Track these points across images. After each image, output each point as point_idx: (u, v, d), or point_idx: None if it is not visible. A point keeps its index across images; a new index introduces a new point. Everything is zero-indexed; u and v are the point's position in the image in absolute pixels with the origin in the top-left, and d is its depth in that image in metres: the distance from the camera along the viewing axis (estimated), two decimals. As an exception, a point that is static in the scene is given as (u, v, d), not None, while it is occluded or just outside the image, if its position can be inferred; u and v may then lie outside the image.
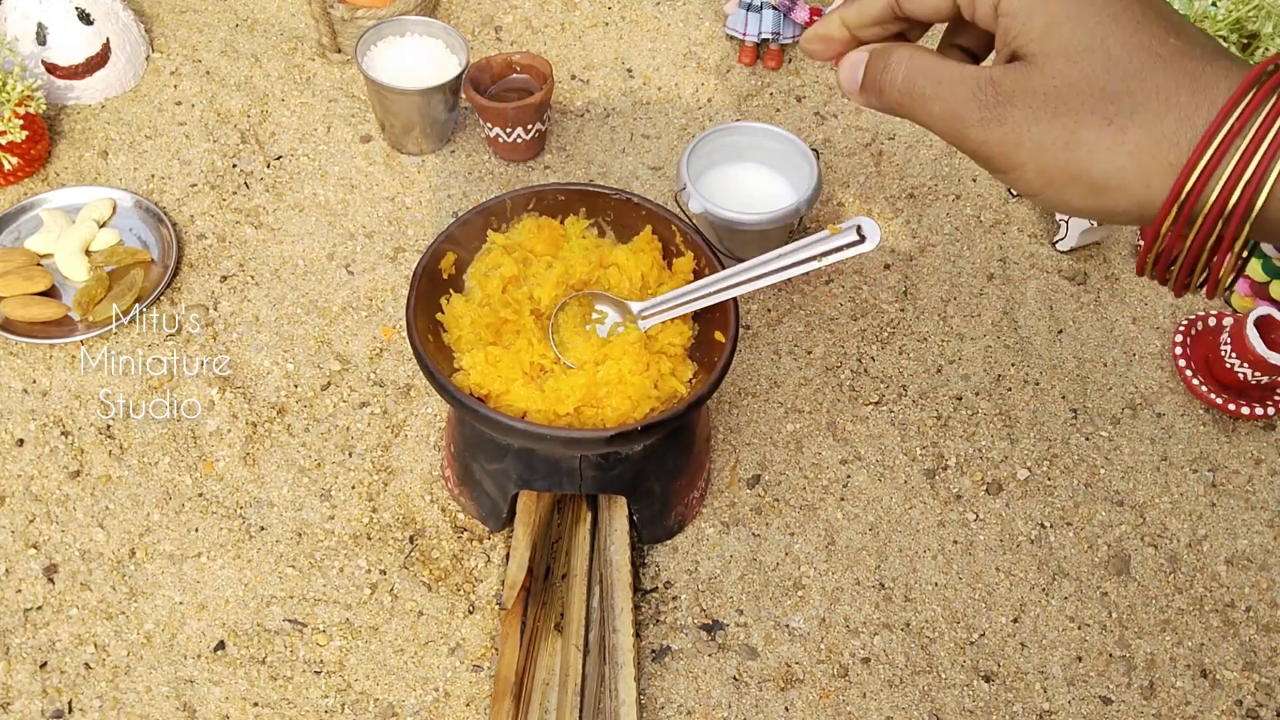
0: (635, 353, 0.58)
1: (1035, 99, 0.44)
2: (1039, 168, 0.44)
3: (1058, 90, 0.44)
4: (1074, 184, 0.44)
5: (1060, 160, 0.44)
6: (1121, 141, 0.42)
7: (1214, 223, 0.42)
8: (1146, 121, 0.42)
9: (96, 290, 0.77)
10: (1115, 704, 0.63)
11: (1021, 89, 0.44)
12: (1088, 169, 0.43)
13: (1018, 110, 0.44)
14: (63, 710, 0.61)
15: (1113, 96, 0.43)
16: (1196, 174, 0.41)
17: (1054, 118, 0.44)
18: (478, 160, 0.89)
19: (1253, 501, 0.72)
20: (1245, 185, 0.40)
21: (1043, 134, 0.44)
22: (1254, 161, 0.40)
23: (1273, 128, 0.40)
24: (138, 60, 0.93)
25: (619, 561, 0.64)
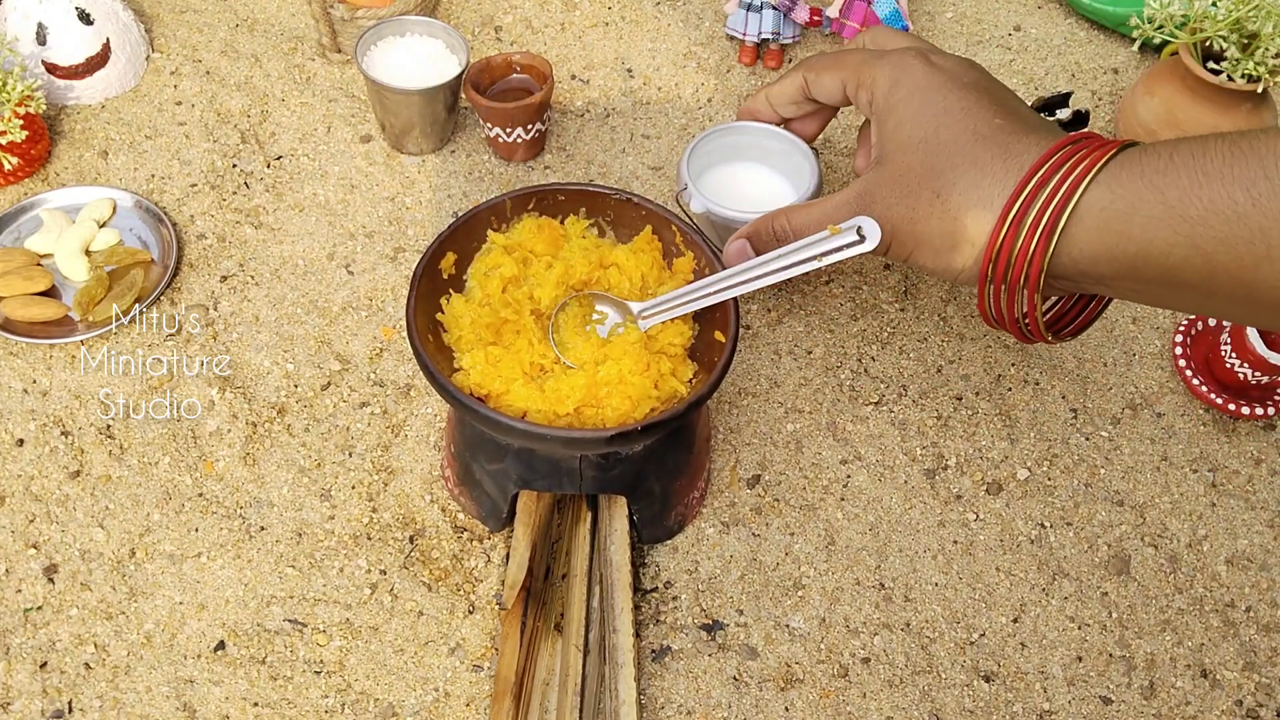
0: (635, 353, 0.58)
1: (888, 190, 0.54)
2: (899, 242, 0.54)
3: (902, 178, 0.53)
4: (921, 249, 0.53)
5: (909, 232, 0.53)
6: (948, 209, 0.51)
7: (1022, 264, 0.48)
8: (966, 189, 0.50)
9: (96, 290, 0.77)
10: (1115, 704, 0.63)
11: (878, 185, 0.55)
12: (928, 236, 0.52)
13: (878, 205, 0.54)
14: (63, 710, 0.61)
15: (939, 174, 0.51)
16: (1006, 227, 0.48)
17: (900, 199, 0.53)
18: (478, 160, 0.89)
19: (1253, 501, 0.72)
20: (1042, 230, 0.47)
21: (896, 215, 0.53)
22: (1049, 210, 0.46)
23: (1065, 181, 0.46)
24: (138, 60, 0.93)
25: (619, 561, 0.65)
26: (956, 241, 0.51)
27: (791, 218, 0.59)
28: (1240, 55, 0.79)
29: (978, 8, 1.04)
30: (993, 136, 0.51)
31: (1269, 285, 0.42)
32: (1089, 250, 0.47)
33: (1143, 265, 0.45)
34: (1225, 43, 0.80)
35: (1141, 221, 0.44)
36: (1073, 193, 0.46)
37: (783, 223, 0.60)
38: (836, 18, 0.95)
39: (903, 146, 0.53)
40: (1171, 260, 0.44)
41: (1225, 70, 0.80)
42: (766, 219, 0.61)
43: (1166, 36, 0.82)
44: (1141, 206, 0.44)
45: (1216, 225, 0.42)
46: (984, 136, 0.51)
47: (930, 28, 1.03)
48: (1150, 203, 0.44)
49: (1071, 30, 1.02)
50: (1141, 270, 0.45)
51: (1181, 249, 0.43)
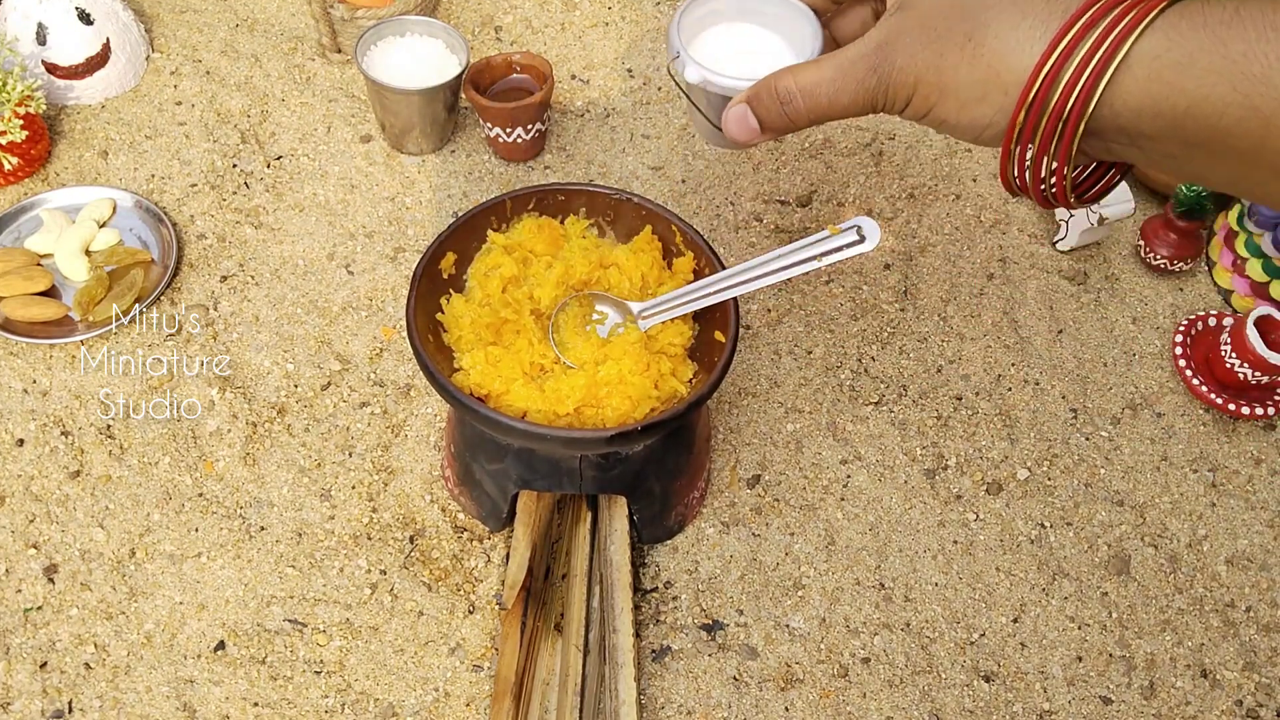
0: (635, 353, 0.58)
1: (911, 36, 0.48)
2: (921, 94, 0.48)
3: (928, 20, 0.47)
4: (945, 100, 0.47)
5: (934, 82, 0.47)
6: (980, 54, 0.45)
7: (1059, 117, 0.44)
8: (1002, 31, 0.45)
9: (96, 290, 0.77)
10: (1115, 704, 0.63)
11: (900, 31, 0.48)
12: (955, 85, 0.46)
13: (900, 54, 0.48)
14: (63, 710, 0.61)
15: (973, 13, 0.46)
16: (1046, 70, 0.43)
17: (925, 45, 0.47)
18: (478, 160, 0.89)
19: (1253, 501, 0.72)
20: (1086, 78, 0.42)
21: (920, 63, 0.47)
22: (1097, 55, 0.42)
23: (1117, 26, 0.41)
24: (138, 60, 0.93)
25: (619, 561, 0.64)
26: (987, 90, 0.46)
27: (798, 77, 0.52)
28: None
29: (978, 8, 1.04)
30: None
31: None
32: (1133, 102, 0.43)
33: (1189, 124, 0.42)
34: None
35: (1198, 74, 0.40)
36: (1126, 35, 0.41)
37: (788, 83, 0.53)
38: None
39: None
40: (1224, 120, 0.41)
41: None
42: (769, 80, 0.54)
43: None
44: (1200, 58, 0.40)
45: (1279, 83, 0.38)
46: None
47: (930, 28, 1.02)
48: (1210, 54, 0.40)
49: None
50: (1187, 129, 0.42)
51: (1237, 108, 0.40)
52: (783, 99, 0.53)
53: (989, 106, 0.47)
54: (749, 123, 0.54)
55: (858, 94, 0.50)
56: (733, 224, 0.86)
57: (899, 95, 0.49)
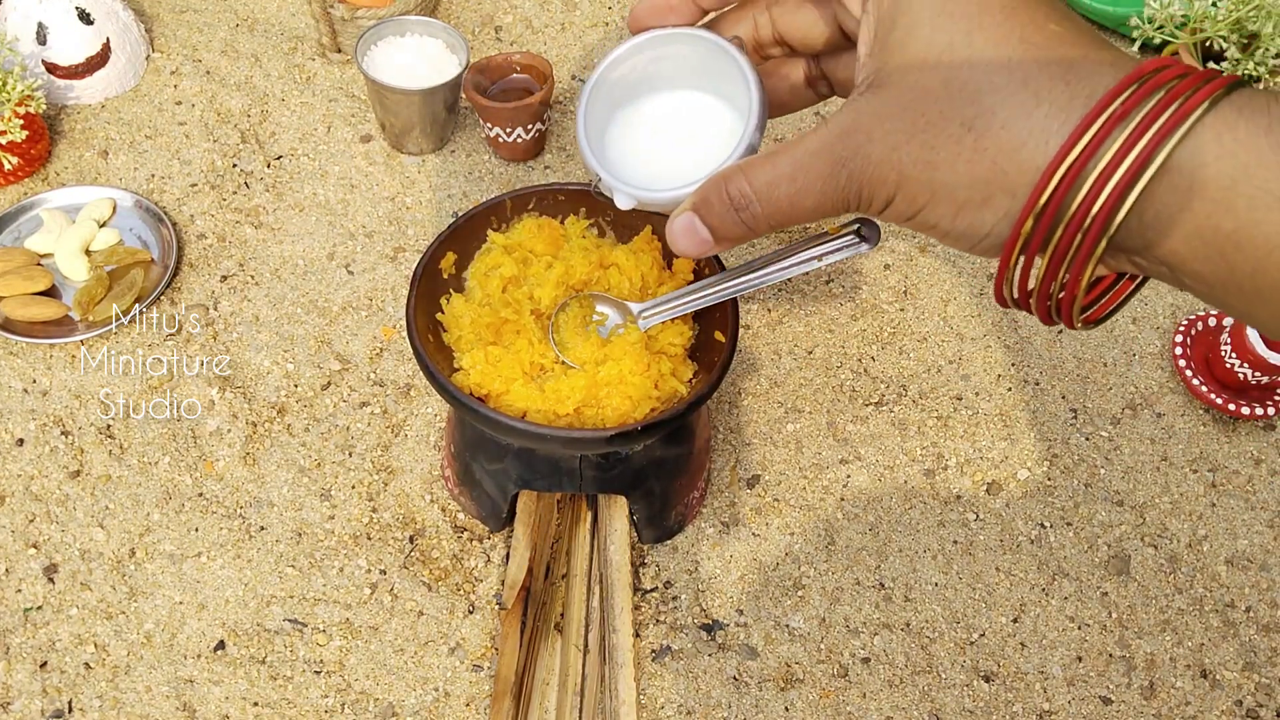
0: (636, 353, 0.58)
1: (891, 122, 0.39)
2: (907, 195, 0.39)
3: (914, 105, 0.38)
4: (937, 203, 0.39)
5: (923, 180, 0.38)
6: (983, 148, 0.37)
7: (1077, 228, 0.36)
8: (1012, 120, 0.36)
9: (96, 290, 0.77)
10: (1115, 704, 0.63)
11: (876, 116, 0.39)
12: (950, 184, 0.38)
13: (877, 144, 0.39)
14: (63, 710, 0.61)
15: (974, 96, 0.37)
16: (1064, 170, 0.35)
17: (911, 135, 0.38)
18: (478, 160, 0.89)
19: (1253, 501, 0.72)
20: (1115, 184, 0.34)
21: (905, 157, 0.38)
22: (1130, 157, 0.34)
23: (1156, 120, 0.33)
24: (138, 60, 0.93)
25: (619, 561, 0.65)
26: (990, 192, 0.37)
27: (752, 177, 0.42)
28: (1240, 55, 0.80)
29: (978, 8, 1.04)
30: (1049, 47, 0.36)
31: None
32: (1167, 217, 0.34)
33: (1234, 253, 0.33)
34: (1225, 43, 0.80)
35: (1252, 194, 0.32)
36: (1167, 134, 0.33)
37: (740, 185, 0.43)
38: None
39: (915, 61, 0.38)
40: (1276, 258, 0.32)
41: (1225, 70, 0.80)
42: (717, 182, 0.44)
43: (1166, 36, 0.82)
44: (1258, 173, 0.32)
45: None
46: (1036, 46, 0.36)
47: (930, 28, 1.02)
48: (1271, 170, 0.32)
49: (1071, 30, 1.02)
50: (1231, 259, 0.34)
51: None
52: (737, 204, 0.43)
53: (991, 212, 0.38)
54: (699, 234, 0.44)
55: (825, 194, 0.41)
56: (733, 224, 0.86)
57: (877, 195, 0.40)
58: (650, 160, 0.53)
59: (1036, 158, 0.35)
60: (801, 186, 0.41)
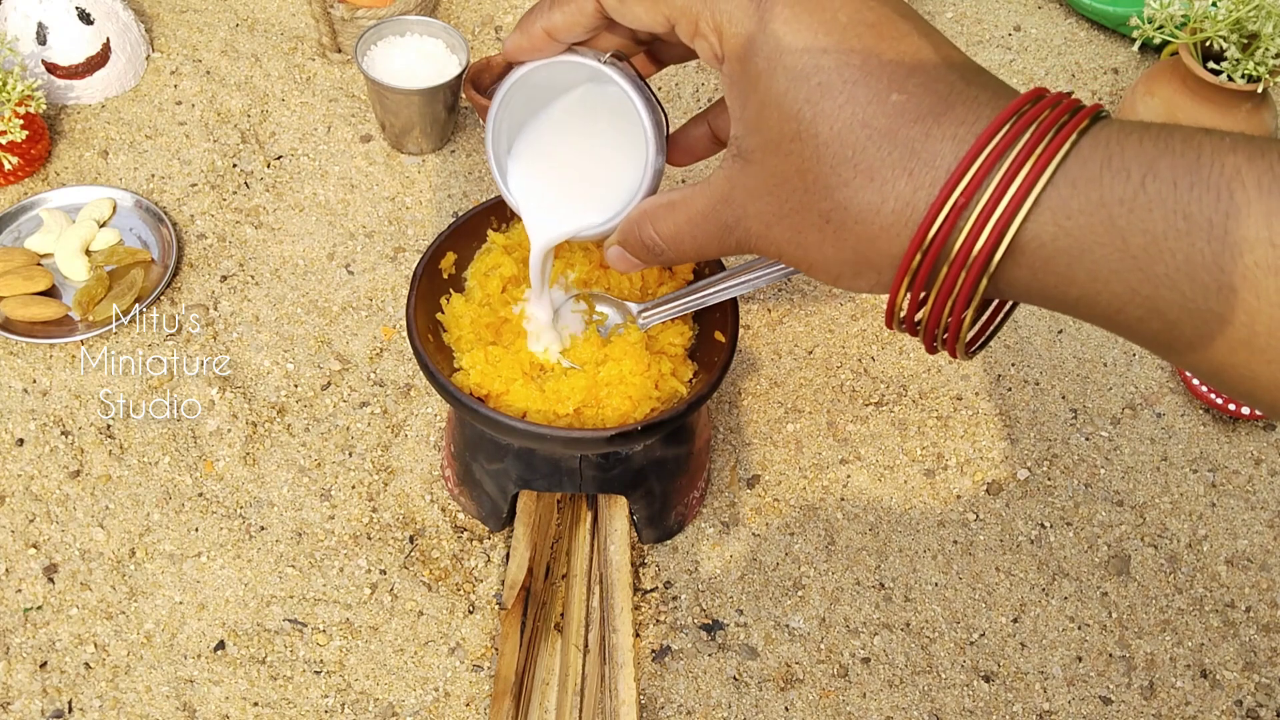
0: (636, 353, 0.58)
1: (762, 203, 0.41)
2: (788, 260, 0.42)
3: (777, 188, 0.40)
4: (816, 272, 0.42)
5: (798, 257, 0.41)
6: (843, 238, 0.39)
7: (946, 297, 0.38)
8: (864, 214, 0.38)
9: (96, 290, 0.77)
10: (1115, 704, 0.63)
11: (746, 191, 0.41)
12: (821, 262, 0.40)
13: (753, 219, 0.42)
14: (63, 710, 0.61)
15: (826, 191, 0.38)
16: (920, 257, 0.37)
17: (779, 218, 0.40)
18: (478, 160, 0.89)
19: (1253, 501, 0.72)
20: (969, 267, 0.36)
21: (778, 236, 0.41)
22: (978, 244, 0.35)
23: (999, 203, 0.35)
24: (138, 60, 0.93)
25: (619, 561, 0.65)
26: (860, 269, 0.40)
27: (659, 227, 0.46)
28: (1240, 55, 0.79)
29: (978, 8, 1.04)
30: (891, 131, 0.37)
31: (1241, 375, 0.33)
32: (1022, 284, 0.37)
33: (1088, 310, 0.36)
34: (1225, 43, 0.80)
35: (1090, 268, 0.34)
36: (1005, 225, 0.35)
37: (650, 234, 0.47)
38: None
39: (770, 143, 0.40)
40: (1124, 316, 0.35)
41: (1225, 70, 0.80)
42: (632, 227, 0.48)
43: (1166, 36, 0.82)
44: (1094, 250, 0.34)
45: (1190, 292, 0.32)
46: (878, 131, 0.37)
47: (930, 28, 1.02)
48: (1106, 248, 0.34)
49: (1071, 30, 1.02)
50: (1084, 314, 0.37)
51: (1137, 308, 0.34)
52: (651, 250, 0.48)
53: (864, 280, 0.40)
54: (630, 260, 0.49)
55: (723, 247, 0.44)
56: (733, 224, 0.86)
57: (767, 254, 0.43)
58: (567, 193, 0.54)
59: (892, 248, 0.38)
60: (701, 241, 0.45)
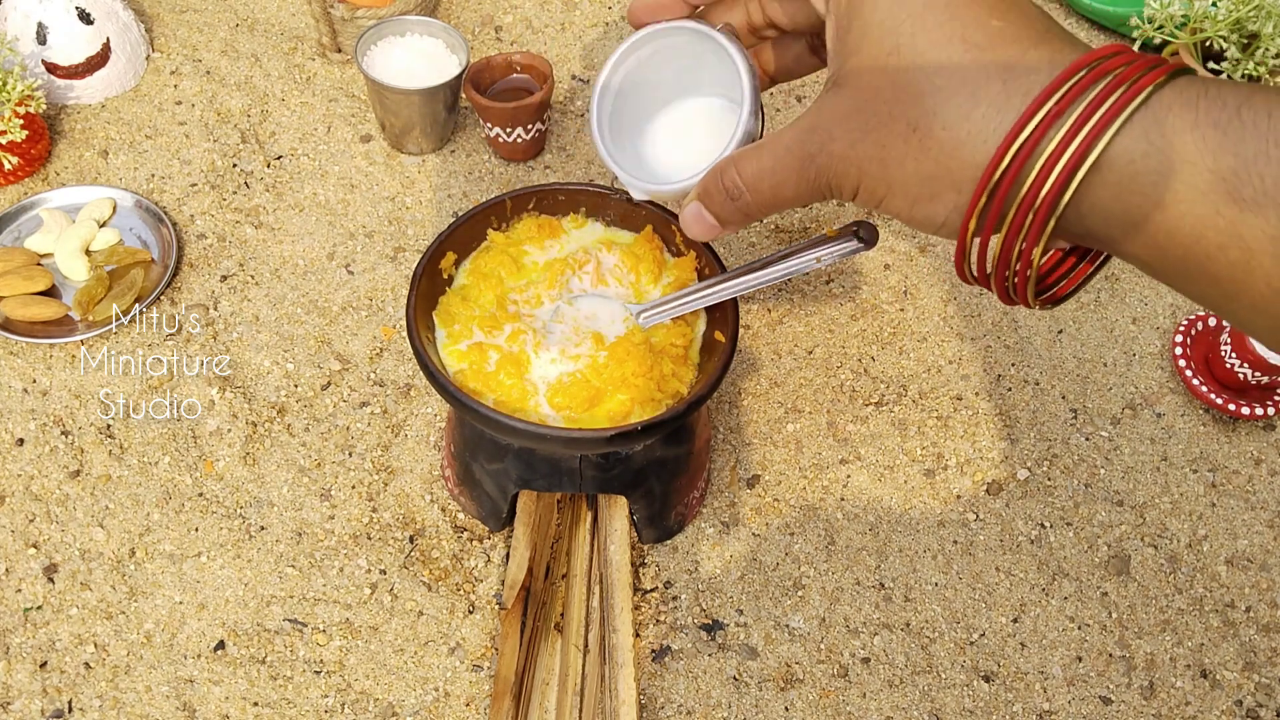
0: (637, 353, 0.58)
1: (849, 121, 0.41)
2: (867, 188, 0.42)
3: (866, 105, 0.41)
4: (894, 195, 0.42)
5: (879, 175, 0.41)
6: (927, 147, 0.39)
7: (1022, 221, 0.38)
8: (952, 120, 0.38)
9: (96, 290, 0.77)
10: (1115, 704, 0.63)
11: (836, 115, 0.42)
12: (901, 180, 0.40)
13: (838, 140, 0.42)
14: (63, 710, 0.61)
15: (917, 98, 0.39)
16: (1003, 168, 0.37)
17: (865, 133, 0.41)
18: (478, 160, 0.89)
19: (1253, 501, 0.72)
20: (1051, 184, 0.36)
21: (861, 154, 0.41)
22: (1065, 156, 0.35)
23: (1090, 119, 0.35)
24: (138, 60, 0.93)
25: (619, 561, 0.65)
26: (938, 188, 0.40)
27: (742, 170, 0.47)
28: (1240, 55, 0.79)
29: (978, 8, 1.04)
30: (989, 46, 0.38)
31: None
32: (1103, 208, 0.36)
33: (1164, 240, 0.35)
34: (1225, 43, 0.80)
35: (1178, 189, 0.34)
36: (1099, 133, 0.35)
37: (733, 177, 0.48)
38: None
39: (867, 63, 0.41)
40: (1202, 245, 0.34)
41: (1225, 70, 0.80)
42: (714, 175, 0.49)
43: (1166, 36, 0.82)
44: (1183, 169, 0.34)
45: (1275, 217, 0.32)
46: (976, 46, 0.38)
47: (930, 28, 1.02)
48: (1195, 167, 0.34)
49: (1071, 30, 1.02)
50: (1161, 245, 0.36)
51: (1218, 234, 0.34)
52: (731, 194, 0.48)
53: (942, 205, 0.40)
54: (706, 220, 0.50)
55: (799, 186, 0.45)
56: (733, 224, 0.86)
57: (844, 185, 0.43)
58: (659, 154, 0.57)
59: (976, 156, 0.38)
60: (780, 179, 0.45)
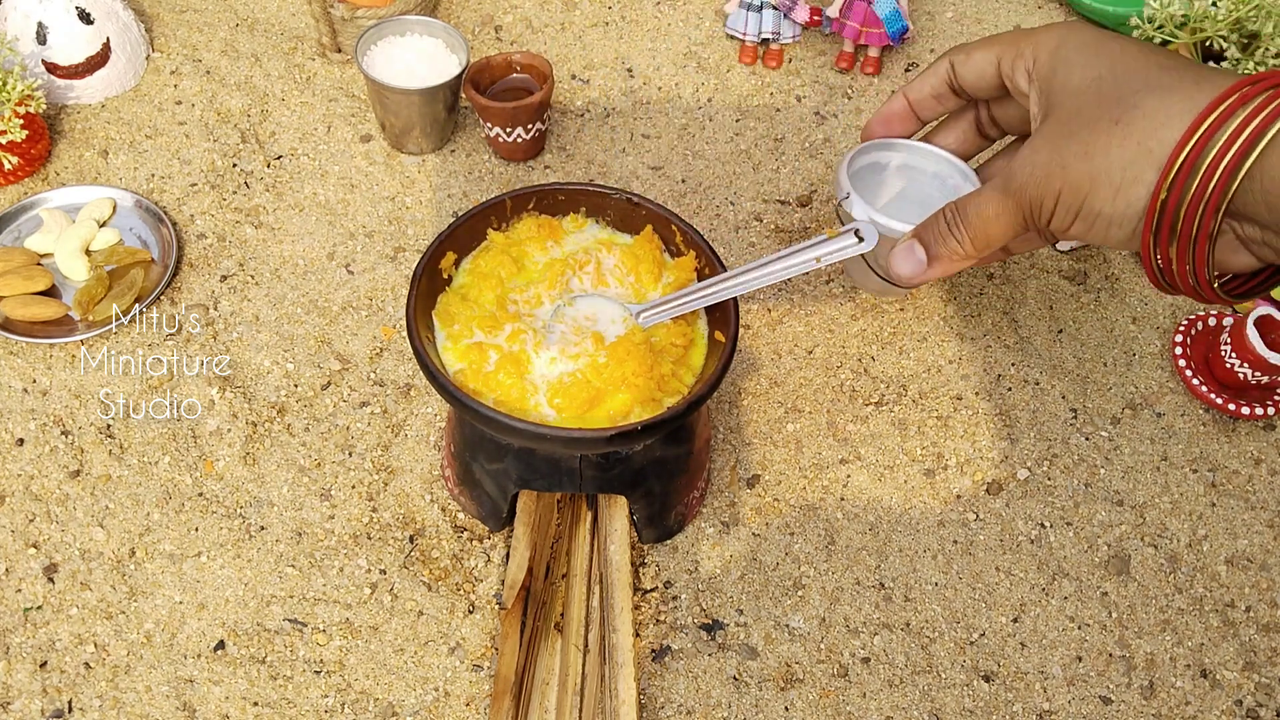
0: (637, 353, 0.58)
1: (1056, 135, 0.48)
2: (1069, 186, 0.47)
3: (1074, 118, 0.48)
4: (1097, 188, 0.47)
5: (1083, 170, 0.47)
6: (1129, 133, 0.45)
7: (1203, 192, 0.43)
8: (1152, 108, 0.45)
9: (96, 290, 0.77)
10: (1115, 704, 0.63)
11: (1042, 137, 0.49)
12: (1105, 168, 0.46)
13: (1042, 153, 0.48)
14: (63, 710, 0.61)
15: (1120, 99, 0.46)
16: (1193, 142, 0.43)
17: (1071, 137, 0.47)
18: (478, 160, 0.89)
19: (1253, 501, 0.72)
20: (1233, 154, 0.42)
21: (1068, 154, 0.47)
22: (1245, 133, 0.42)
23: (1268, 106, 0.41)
24: (138, 60, 0.93)
25: (619, 561, 0.65)
26: (1139, 169, 0.45)
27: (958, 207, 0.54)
28: (1240, 55, 0.79)
29: (978, 7, 1.04)
30: (1176, 68, 0.46)
31: None
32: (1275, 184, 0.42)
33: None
34: (1225, 43, 0.80)
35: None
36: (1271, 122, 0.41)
37: (950, 209, 0.54)
38: (836, 17, 0.95)
39: (1075, 90, 0.48)
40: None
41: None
42: (934, 214, 0.55)
43: (1166, 36, 0.82)
44: None
45: None
46: (1168, 68, 0.46)
47: (930, 27, 1.03)
48: None
49: (1071, 30, 1.02)
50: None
51: None
52: (949, 223, 0.53)
53: (1142, 186, 0.45)
54: (916, 256, 0.55)
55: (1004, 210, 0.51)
56: (733, 224, 0.86)
57: (1047, 193, 0.48)
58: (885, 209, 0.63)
59: (1173, 133, 0.44)
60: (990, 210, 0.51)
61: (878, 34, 0.94)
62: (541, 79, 0.86)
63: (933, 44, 1.01)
